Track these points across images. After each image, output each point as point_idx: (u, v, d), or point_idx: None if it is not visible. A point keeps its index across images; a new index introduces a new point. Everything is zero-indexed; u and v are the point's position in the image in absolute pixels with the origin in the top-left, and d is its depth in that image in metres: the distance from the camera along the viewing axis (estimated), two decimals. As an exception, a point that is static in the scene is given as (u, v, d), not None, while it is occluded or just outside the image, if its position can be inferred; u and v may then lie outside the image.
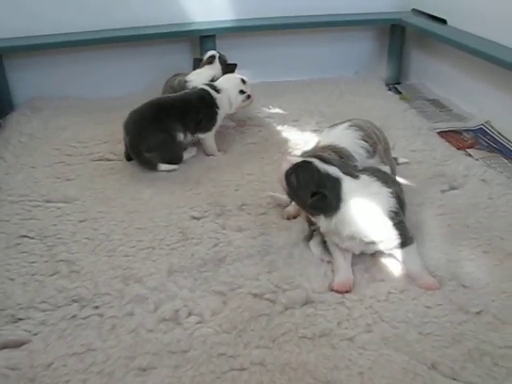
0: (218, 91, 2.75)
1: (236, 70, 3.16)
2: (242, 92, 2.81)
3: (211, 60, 3.15)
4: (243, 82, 2.83)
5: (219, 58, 3.16)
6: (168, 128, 2.57)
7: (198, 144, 2.77)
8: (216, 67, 3.13)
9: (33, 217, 2.22)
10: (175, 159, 2.63)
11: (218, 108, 2.72)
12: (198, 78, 3.00)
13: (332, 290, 1.78)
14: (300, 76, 3.87)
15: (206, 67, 3.12)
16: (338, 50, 3.98)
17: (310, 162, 1.77)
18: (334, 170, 1.73)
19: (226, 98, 2.76)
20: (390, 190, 1.77)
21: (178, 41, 3.66)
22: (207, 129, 2.72)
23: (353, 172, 1.78)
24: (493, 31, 2.98)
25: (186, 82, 3.01)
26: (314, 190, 1.73)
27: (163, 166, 2.57)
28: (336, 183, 1.72)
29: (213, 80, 2.98)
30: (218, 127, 2.78)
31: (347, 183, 1.72)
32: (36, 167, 2.63)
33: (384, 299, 1.73)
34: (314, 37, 3.86)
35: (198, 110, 2.66)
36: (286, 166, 1.82)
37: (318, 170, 1.73)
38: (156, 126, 2.54)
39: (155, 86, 3.29)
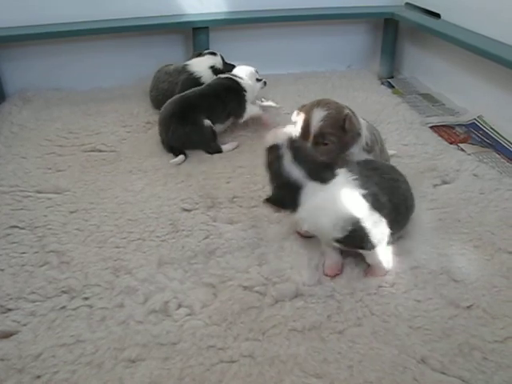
0: (240, 78, 2.88)
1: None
2: (258, 80, 2.97)
3: (214, 53, 3.23)
4: (256, 72, 2.99)
5: (221, 55, 3.25)
6: (195, 120, 2.64)
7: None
8: (217, 59, 3.21)
9: (23, 207, 2.21)
10: (211, 147, 2.70)
11: (245, 91, 2.85)
12: (198, 63, 3.13)
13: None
14: (293, 69, 3.87)
15: (208, 56, 3.20)
16: (331, 44, 3.97)
17: (282, 157, 1.68)
18: (298, 175, 1.66)
19: (247, 84, 2.88)
20: (364, 191, 1.69)
21: (170, 32, 3.63)
22: (241, 115, 2.85)
23: (323, 176, 1.69)
24: (487, 26, 2.98)
25: (185, 65, 3.11)
26: (275, 184, 1.71)
27: (226, 147, 2.73)
28: (297, 188, 1.66)
29: (213, 67, 3.12)
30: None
31: (309, 189, 1.65)
32: (27, 158, 2.61)
33: (374, 293, 1.73)
34: (307, 30, 3.85)
35: (226, 101, 2.77)
36: (270, 140, 1.74)
37: (283, 170, 1.67)
38: (183, 121, 2.63)
39: (147, 77, 3.28)
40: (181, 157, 2.60)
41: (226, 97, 2.77)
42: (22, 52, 3.42)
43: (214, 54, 3.23)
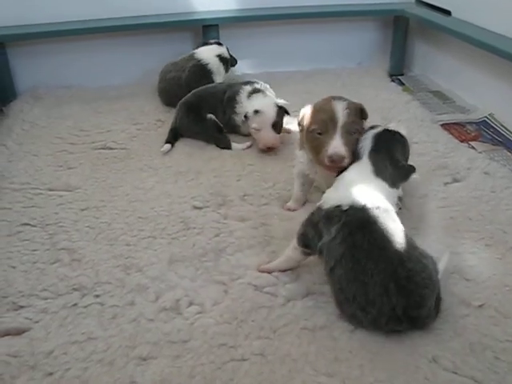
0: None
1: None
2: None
3: (220, 43, 3.32)
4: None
5: (226, 47, 3.33)
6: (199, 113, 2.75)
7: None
8: (224, 49, 3.29)
9: (35, 205, 2.22)
10: (217, 139, 2.73)
11: None
12: (205, 51, 3.23)
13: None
14: (302, 66, 3.86)
15: (215, 46, 3.29)
16: (341, 41, 3.96)
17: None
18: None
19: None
20: None
21: (180, 30, 3.64)
22: None
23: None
24: (498, 23, 2.97)
25: (193, 53, 3.21)
26: None
27: (237, 146, 2.73)
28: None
29: (220, 56, 3.22)
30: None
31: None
32: (38, 155, 2.63)
33: (385, 291, 1.72)
34: (317, 27, 3.85)
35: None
36: None
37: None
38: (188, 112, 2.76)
39: (156, 75, 3.29)
40: (167, 145, 2.68)
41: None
42: (33, 50, 3.44)
43: (220, 44, 3.30)
